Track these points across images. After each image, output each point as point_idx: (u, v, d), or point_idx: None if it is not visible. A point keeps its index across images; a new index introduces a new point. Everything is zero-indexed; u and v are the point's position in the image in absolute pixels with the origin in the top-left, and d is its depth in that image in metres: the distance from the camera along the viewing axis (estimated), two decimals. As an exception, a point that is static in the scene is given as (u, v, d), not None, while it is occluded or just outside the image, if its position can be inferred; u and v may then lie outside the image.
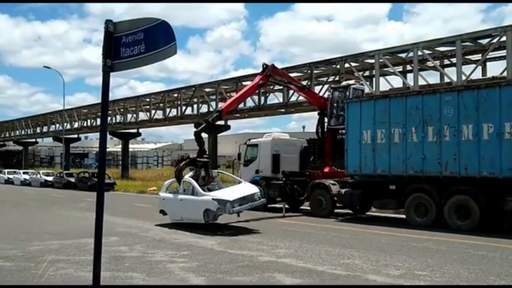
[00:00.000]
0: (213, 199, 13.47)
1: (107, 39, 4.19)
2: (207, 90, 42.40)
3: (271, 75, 19.33)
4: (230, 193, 13.90)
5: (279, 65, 26.50)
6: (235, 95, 20.75)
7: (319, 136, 19.63)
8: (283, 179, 18.35)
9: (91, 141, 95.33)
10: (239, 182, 15.09)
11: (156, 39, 3.98)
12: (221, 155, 50.09)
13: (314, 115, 20.40)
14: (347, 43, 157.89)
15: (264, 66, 19.02)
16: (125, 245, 11.51)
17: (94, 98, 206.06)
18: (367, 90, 22.89)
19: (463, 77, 24.38)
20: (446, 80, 27.57)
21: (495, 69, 31.69)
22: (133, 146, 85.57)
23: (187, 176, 14.98)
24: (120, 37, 4.20)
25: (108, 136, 56.86)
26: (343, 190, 16.90)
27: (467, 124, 13.55)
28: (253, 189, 14.32)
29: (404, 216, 16.48)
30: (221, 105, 21.10)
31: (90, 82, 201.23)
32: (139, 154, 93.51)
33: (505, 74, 23.75)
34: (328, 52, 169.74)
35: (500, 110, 12.88)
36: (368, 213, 18.40)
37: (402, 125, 14.97)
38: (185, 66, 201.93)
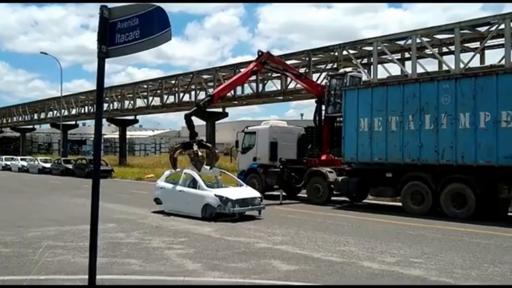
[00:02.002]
0: (215, 195, 13.42)
1: (102, 25, 4.16)
2: (204, 76, 42.23)
3: (266, 63, 19.25)
4: (232, 192, 13.84)
5: (277, 52, 26.42)
6: (228, 81, 20.66)
7: (316, 124, 19.62)
8: (281, 166, 18.36)
9: (89, 127, 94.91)
10: (241, 185, 15.03)
11: (151, 25, 3.96)
12: (219, 142, 50.01)
13: (312, 102, 20.37)
14: (346, 30, 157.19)
15: (260, 53, 18.95)
16: (123, 232, 11.55)
17: (92, 85, 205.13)
18: (364, 77, 22.86)
19: (461, 65, 24.39)
20: (445, 68, 27.55)
21: (493, 57, 31.64)
22: (130, 133, 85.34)
23: (189, 169, 14.88)
24: (115, 23, 4.16)
25: (106, 123, 56.88)
26: (340, 178, 16.95)
27: (464, 112, 13.56)
28: (254, 193, 14.30)
29: (400, 204, 16.57)
30: (213, 90, 21.04)
31: (87, 68, 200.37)
32: (137, 141, 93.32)
33: (503, 62, 23.74)
34: (326, 39, 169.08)
35: (497, 99, 12.88)
36: (364, 200, 18.47)
37: (399, 113, 14.98)
38: (183, 53, 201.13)
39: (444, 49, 28.92)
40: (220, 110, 44.23)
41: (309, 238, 10.79)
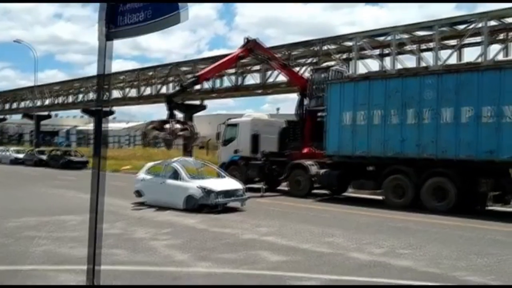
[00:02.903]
0: (198, 186, 13.29)
1: (105, 6, 4.03)
2: (183, 69, 41.80)
3: (252, 50, 19.21)
4: (215, 184, 13.73)
5: None
6: (213, 64, 20.56)
7: (299, 117, 19.62)
8: (263, 159, 18.33)
9: (61, 119, 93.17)
10: (223, 176, 14.93)
11: (159, 6, 3.83)
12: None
13: (289, 97, 20.60)
14: (323, 26, 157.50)
15: (246, 40, 18.87)
16: (105, 222, 11.19)
17: (65, 75, 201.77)
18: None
19: (439, 62, 24.78)
20: (422, 64, 27.97)
21: (470, 54, 32.24)
22: (104, 125, 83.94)
23: (173, 160, 14.74)
24: (118, 4, 4.04)
25: (80, 114, 55.95)
26: (321, 171, 17.01)
27: (447, 107, 13.75)
28: (237, 185, 14.20)
29: (380, 197, 16.72)
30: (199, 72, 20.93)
31: (60, 59, 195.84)
32: (111, 133, 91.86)
33: (480, 60, 24.23)
34: (304, 34, 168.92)
35: (479, 94, 13.09)
36: (344, 193, 18.58)
37: (382, 107, 15.10)
38: (159, 45, 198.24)
39: (423, 46, 29.29)
40: (198, 102, 43.98)
41: (295, 229, 10.80)
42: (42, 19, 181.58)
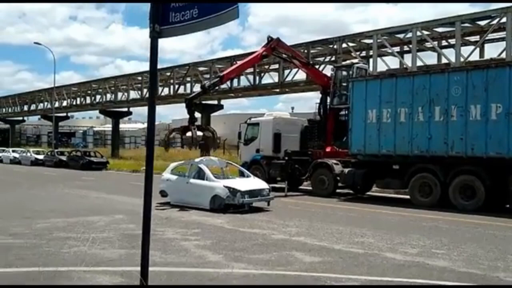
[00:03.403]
0: (224, 186, 13.22)
1: (155, 3, 3.95)
2: (200, 69, 41.88)
3: (275, 48, 19.09)
4: (241, 183, 13.65)
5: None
6: (236, 64, 20.41)
7: (321, 115, 19.47)
8: (286, 158, 18.22)
9: (78, 120, 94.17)
10: (248, 176, 14.85)
11: (210, 3, 3.74)
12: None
13: (303, 96, 20.55)
14: (336, 24, 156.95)
15: (269, 38, 18.76)
16: (133, 223, 11.31)
17: (80, 77, 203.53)
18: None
19: (461, 59, 24.39)
20: (444, 61, 27.59)
21: (491, 50, 31.73)
22: (120, 126, 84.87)
23: (197, 160, 14.68)
24: (170, 3, 3.96)
25: (94, 115, 56.25)
26: (346, 170, 16.84)
27: (475, 104, 13.50)
28: (262, 184, 14.13)
29: (405, 196, 16.55)
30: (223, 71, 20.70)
31: (76, 61, 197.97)
32: (127, 134, 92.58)
33: (503, 55, 23.81)
34: (317, 33, 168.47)
35: (510, 90, 12.82)
36: (368, 193, 18.41)
37: (408, 104, 14.88)
38: (173, 46, 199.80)
39: (443, 43, 28.92)
40: (215, 102, 44.00)
41: (324, 229, 10.67)
42: (57, 22, 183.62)
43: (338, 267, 7.37)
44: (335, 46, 30.68)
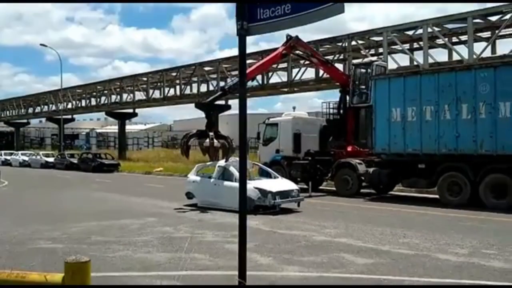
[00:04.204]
0: (255, 187, 13.09)
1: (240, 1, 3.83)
2: (206, 69, 41.69)
3: (294, 47, 18.98)
4: (271, 184, 13.53)
5: (265, 46, 25.29)
6: (257, 63, 20.21)
7: (340, 114, 19.36)
8: (309, 158, 18.10)
9: (79, 122, 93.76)
10: (276, 177, 14.71)
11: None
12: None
13: (302, 96, 20.27)
14: (333, 22, 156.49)
15: (288, 37, 18.62)
16: (168, 226, 11.23)
17: (79, 79, 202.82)
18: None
19: (473, 56, 24.30)
20: (454, 58, 27.53)
21: (502, 46, 31.64)
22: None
23: (227, 162, 14.52)
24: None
25: (97, 116, 55.95)
26: (370, 170, 16.71)
27: (505, 101, 13.38)
28: (292, 185, 14.02)
29: (429, 195, 16.48)
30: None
31: (74, 62, 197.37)
32: (129, 135, 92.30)
33: (488, 54, 23.76)
34: (314, 31, 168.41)
35: (541, 87, 12.72)
36: (390, 192, 18.29)
37: (434, 102, 14.76)
38: (170, 46, 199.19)
39: (454, 39, 28.82)
40: (223, 102, 43.78)
41: (363, 230, 10.56)
42: (54, 23, 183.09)
43: (395, 269, 7.27)
44: (344, 44, 30.51)
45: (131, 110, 53.20)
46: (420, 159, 15.37)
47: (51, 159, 39.71)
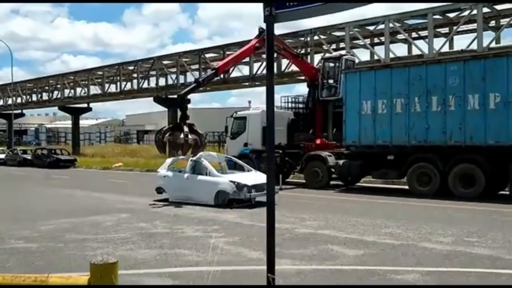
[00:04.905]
0: (230, 181, 12.89)
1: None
2: (165, 62, 40.92)
3: None
4: (245, 178, 13.34)
5: (219, 40, 24.95)
6: (231, 56, 19.95)
7: (309, 108, 19.36)
8: (280, 151, 18.01)
9: (28, 117, 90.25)
10: (249, 170, 14.52)
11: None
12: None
13: (254, 90, 20.18)
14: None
15: (261, 29, 18.45)
16: (143, 222, 10.87)
17: (25, 73, 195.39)
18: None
19: (431, 50, 24.98)
20: (414, 52, 28.25)
21: (459, 42, 32.70)
22: (69, 122, 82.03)
23: (196, 155, 14.20)
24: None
25: (46, 112, 53.90)
26: (341, 162, 16.81)
27: (473, 93, 13.71)
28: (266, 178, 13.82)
29: (397, 186, 16.75)
30: (217, 63, 20.06)
31: (19, 56, 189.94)
32: (81, 131, 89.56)
33: (473, 47, 24.55)
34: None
35: (508, 79, 13.09)
36: (357, 184, 18.48)
37: (404, 95, 14.98)
38: (121, 40, 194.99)
39: (414, 34, 29.48)
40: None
41: (344, 221, 10.56)
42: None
43: (387, 260, 7.27)
44: (306, 39, 30.62)
45: (85, 105, 51.71)
46: (390, 151, 15.59)
47: (2, 156, 37.90)
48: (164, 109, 42.47)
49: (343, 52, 20.26)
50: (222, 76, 35.21)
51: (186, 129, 14.89)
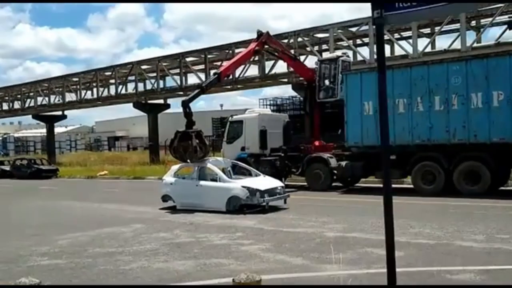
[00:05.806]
0: (243, 186, 12.71)
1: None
2: (144, 67, 40.34)
3: (266, 43, 18.80)
4: (257, 183, 13.17)
5: (186, 44, 24.50)
6: (231, 60, 19.83)
7: (306, 110, 19.35)
8: (281, 154, 17.93)
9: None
10: (258, 175, 14.35)
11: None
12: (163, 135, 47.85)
13: (228, 94, 20.11)
14: (253, 20, 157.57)
15: (259, 33, 18.36)
16: (162, 232, 10.60)
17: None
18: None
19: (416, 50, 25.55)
20: (397, 53, 28.81)
21: (440, 42, 33.54)
22: (36, 131, 79.91)
23: (207, 163, 13.88)
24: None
25: (10, 121, 52.28)
26: (343, 163, 16.81)
27: (476, 92, 13.92)
28: (277, 182, 13.74)
29: (399, 185, 16.85)
30: (219, 69, 19.74)
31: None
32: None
33: (454, 46, 25.23)
34: (234, 30, 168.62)
35: (511, 78, 13.35)
36: (356, 184, 18.55)
37: (407, 95, 15.10)
38: (86, 45, 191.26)
39: (396, 35, 29.96)
40: (162, 101, 42.64)
41: (366, 223, 10.52)
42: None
43: (433, 260, 7.26)
44: (289, 41, 30.70)
45: (60, 113, 50.53)
46: (394, 151, 15.63)
47: (-23, 167, 36.55)
48: (135, 114, 41.84)
49: (339, 53, 20.31)
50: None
51: (196, 141, 14.44)
